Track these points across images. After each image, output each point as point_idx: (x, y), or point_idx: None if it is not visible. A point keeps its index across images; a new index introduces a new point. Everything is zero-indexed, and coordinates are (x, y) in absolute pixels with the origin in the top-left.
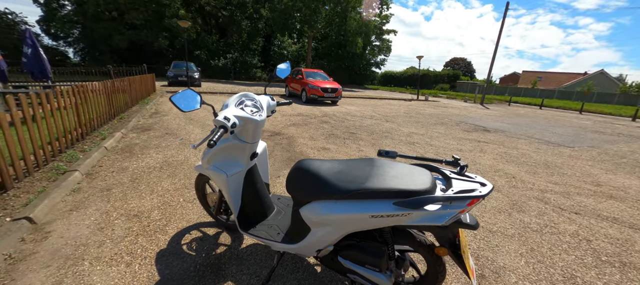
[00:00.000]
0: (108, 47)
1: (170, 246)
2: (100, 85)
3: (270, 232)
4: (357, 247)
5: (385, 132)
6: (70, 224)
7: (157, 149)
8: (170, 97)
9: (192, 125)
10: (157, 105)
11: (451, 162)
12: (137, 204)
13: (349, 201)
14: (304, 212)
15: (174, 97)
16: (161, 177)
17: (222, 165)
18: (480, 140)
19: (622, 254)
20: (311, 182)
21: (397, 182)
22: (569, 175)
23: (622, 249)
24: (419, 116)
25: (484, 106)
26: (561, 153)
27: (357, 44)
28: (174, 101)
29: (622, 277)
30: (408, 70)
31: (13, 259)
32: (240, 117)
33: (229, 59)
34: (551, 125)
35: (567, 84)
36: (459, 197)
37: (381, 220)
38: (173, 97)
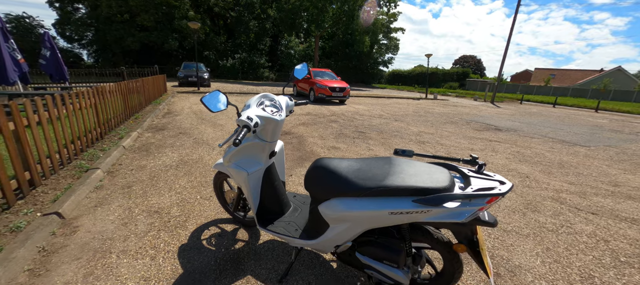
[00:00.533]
0: (120, 48)
1: (190, 241)
2: (116, 86)
3: (288, 228)
4: (376, 244)
5: (394, 131)
6: (96, 219)
7: (172, 148)
8: (201, 99)
9: (204, 125)
10: (169, 105)
11: (469, 161)
12: (157, 200)
13: (368, 198)
14: (322, 209)
15: (205, 98)
16: (178, 175)
17: (243, 163)
18: (491, 140)
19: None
20: (330, 179)
21: (416, 180)
22: (585, 175)
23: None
24: (428, 115)
25: (494, 105)
26: (576, 152)
27: (364, 43)
28: (204, 102)
29: None
30: (416, 69)
31: (46, 251)
32: (262, 117)
33: (237, 59)
34: (565, 124)
35: (582, 81)
36: (479, 194)
37: (400, 217)
38: (203, 99)
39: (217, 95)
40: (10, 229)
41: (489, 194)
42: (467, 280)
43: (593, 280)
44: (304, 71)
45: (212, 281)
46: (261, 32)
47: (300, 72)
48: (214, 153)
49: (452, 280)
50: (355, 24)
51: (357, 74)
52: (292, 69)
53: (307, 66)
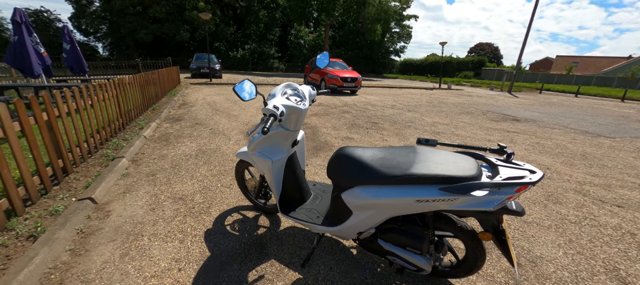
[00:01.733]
0: (134, 41)
1: (215, 226)
2: (134, 78)
3: (310, 215)
4: (399, 231)
5: (408, 121)
6: (126, 204)
7: (191, 138)
8: (233, 87)
9: (219, 116)
10: (183, 96)
11: (496, 150)
12: (180, 188)
13: (394, 186)
14: (346, 197)
15: (236, 87)
16: (198, 164)
17: (267, 151)
18: (509, 130)
19: None
20: (354, 168)
21: (443, 168)
22: (610, 167)
23: None
24: (442, 105)
25: (512, 94)
26: (600, 144)
27: (376, 32)
28: (236, 91)
29: None
30: (429, 58)
31: (84, 233)
32: (287, 106)
33: (247, 49)
34: (588, 115)
35: (607, 69)
36: (508, 183)
37: (426, 205)
38: (236, 87)
39: (247, 85)
40: (50, 213)
41: (518, 182)
42: (487, 269)
43: (618, 273)
44: (325, 60)
45: (238, 264)
46: (271, 22)
47: (321, 61)
48: (231, 143)
49: (475, 268)
50: (366, 12)
51: (368, 64)
52: (314, 58)
53: (329, 56)
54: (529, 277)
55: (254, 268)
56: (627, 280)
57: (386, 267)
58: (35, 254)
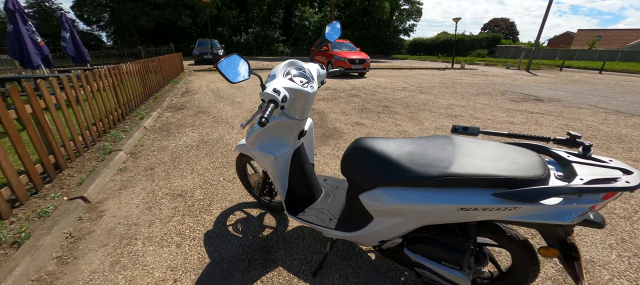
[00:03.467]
0: (136, 28)
1: (216, 227)
2: (133, 65)
3: (321, 217)
4: (432, 241)
5: (421, 104)
6: (121, 203)
7: (192, 128)
8: (216, 64)
9: (222, 103)
10: (186, 84)
11: (565, 141)
12: (180, 183)
13: (430, 189)
14: (365, 200)
15: (221, 64)
16: (199, 155)
17: (268, 145)
18: (533, 112)
19: None
20: (375, 164)
21: (496, 167)
22: None
23: None
24: (457, 86)
25: (530, 73)
26: (636, 124)
27: (384, 10)
28: (221, 70)
29: None
30: (440, 36)
31: (73, 237)
32: (291, 89)
33: (251, 33)
34: (617, 92)
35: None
36: (593, 188)
37: (473, 213)
38: (220, 65)
39: (236, 61)
40: (38, 214)
41: (608, 187)
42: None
43: None
44: (335, 33)
45: (241, 272)
46: (274, 3)
47: (331, 34)
48: (234, 132)
49: (523, 283)
50: None
51: (376, 44)
52: (323, 31)
53: (340, 27)
54: None
55: (259, 278)
56: None
57: (411, 276)
58: (16, 264)
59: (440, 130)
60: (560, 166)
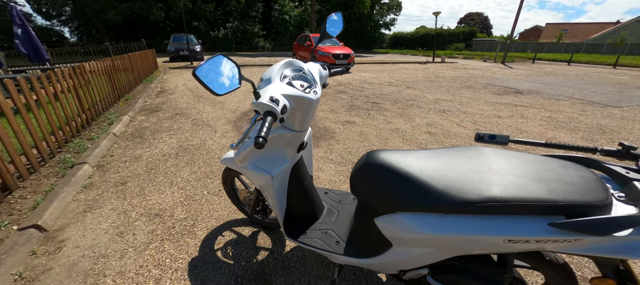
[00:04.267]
0: (103, 23)
1: (202, 253)
2: (100, 64)
3: (326, 240)
4: (464, 271)
5: (409, 100)
6: (85, 229)
7: (170, 133)
8: (194, 72)
9: (202, 104)
10: (162, 83)
11: (617, 152)
12: (157, 199)
13: (468, 217)
14: (383, 225)
15: (200, 70)
16: (178, 165)
17: (263, 162)
18: (516, 104)
19: None
20: (396, 184)
21: (549, 189)
22: (632, 141)
23: None
24: (441, 80)
25: (506, 65)
26: (611, 115)
27: (364, 3)
28: (201, 78)
29: None
30: (419, 30)
31: (24, 279)
32: (291, 97)
33: (229, 28)
34: (587, 83)
35: (596, 35)
36: None
37: (522, 245)
38: (199, 72)
39: (220, 65)
40: None
41: None
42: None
43: None
44: (337, 25)
45: None
46: None
47: (332, 28)
48: (217, 136)
49: None
50: None
51: (358, 39)
52: (324, 21)
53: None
54: None
55: None
56: None
57: None
58: None
59: (432, 127)
60: (619, 185)
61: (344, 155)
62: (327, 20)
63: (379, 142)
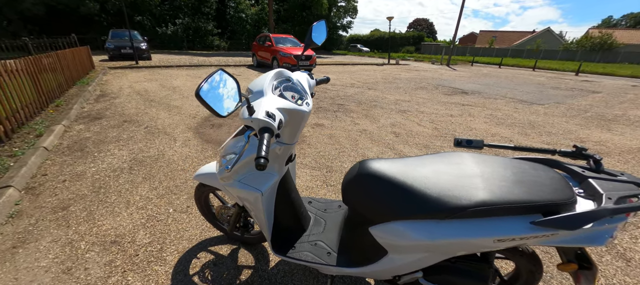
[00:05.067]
0: (17, 13)
1: (176, 282)
2: (20, 63)
3: (317, 252)
4: (454, 270)
5: (372, 101)
6: (17, 269)
7: (118, 143)
8: (197, 93)
9: (155, 108)
10: (101, 85)
11: (571, 153)
12: (111, 224)
13: (462, 221)
14: (379, 234)
15: (203, 91)
16: (134, 181)
17: (250, 179)
18: (464, 104)
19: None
20: (390, 193)
21: (528, 191)
22: (555, 134)
23: None
24: (398, 81)
25: (451, 68)
26: (537, 111)
27: (322, 5)
28: (205, 99)
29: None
30: (374, 33)
31: None
32: (284, 110)
33: (179, 25)
34: (516, 84)
35: (518, 42)
36: (628, 207)
37: (509, 243)
38: (202, 92)
39: (219, 80)
40: None
41: (637, 206)
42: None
43: None
44: (322, 32)
45: None
46: None
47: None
48: (177, 145)
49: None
50: None
51: None
52: (309, 29)
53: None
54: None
55: None
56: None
57: None
58: None
59: (396, 127)
60: (577, 182)
61: (317, 159)
62: (313, 29)
63: (349, 144)
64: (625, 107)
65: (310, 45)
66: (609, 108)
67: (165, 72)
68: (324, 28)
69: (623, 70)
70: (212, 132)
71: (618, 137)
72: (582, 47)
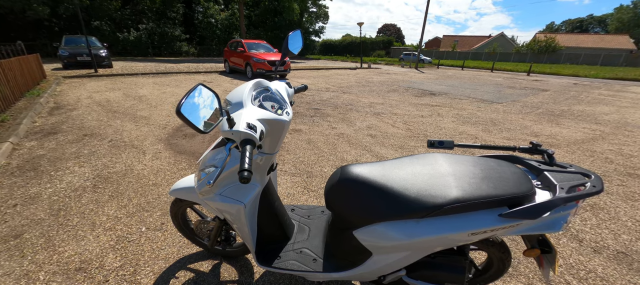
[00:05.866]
0: None
1: None
2: None
3: (303, 260)
4: (433, 265)
5: (347, 104)
6: None
7: (79, 160)
8: (178, 110)
9: (119, 120)
10: (55, 96)
11: (529, 149)
12: (75, 249)
13: (440, 218)
14: (363, 237)
15: (184, 108)
16: (100, 200)
17: (232, 191)
18: (433, 104)
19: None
20: (373, 196)
21: (495, 186)
22: (513, 130)
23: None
24: (371, 85)
25: (418, 71)
26: (497, 109)
27: (293, 10)
28: (186, 116)
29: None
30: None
31: None
32: (265, 120)
33: (143, 30)
34: (477, 85)
35: (477, 46)
36: (577, 196)
37: (481, 235)
38: (183, 109)
39: (199, 95)
40: None
41: (586, 193)
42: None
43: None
44: (298, 42)
45: None
46: None
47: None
48: (147, 159)
49: (499, 276)
50: None
51: None
52: (286, 38)
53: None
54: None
55: None
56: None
57: None
58: None
59: (372, 129)
60: (535, 175)
61: (297, 165)
62: (289, 38)
63: (328, 148)
64: (570, 103)
65: (288, 55)
66: (556, 104)
67: (130, 81)
68: (300, 37)
69: (566, 70)
70: (185, 142)
71: (565, 130)
72: (531, 49)
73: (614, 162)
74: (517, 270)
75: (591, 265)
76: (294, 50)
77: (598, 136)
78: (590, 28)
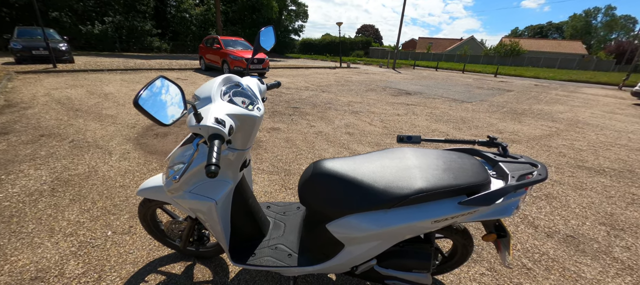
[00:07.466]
0: None
1: None
2: None
3: (278, 255)
4: (401, 254)
5: (326, 103)
6: None
7: (34, 162)
8: (136, 101)
9: (82, 119)
10: (6, 93)
11: (486, 142)
12: (30, 257)
13: (405, 208)
14: (335, 229)
15: (142, 100)
16: (59, 204)
17: (202, 188)
18: (408, 104)
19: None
20: (344, 190)
21: (455, 176)
22: (481, 128)
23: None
24: (350, 84)
25: (396, 71)
26: (467, 108)
27: (272, 8)
28: (145, 108)
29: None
30: (325, 38)
31: None
32: (235, 115)
33: (109, 23)
34: (450, 85)
35: (450, 48)
36: (525, 183)
37: (443, 222)
38: (141, 101)
39: (160, 87)
40: None
41: (532, 181)
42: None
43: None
44: (271, 37)
45: None
46: None
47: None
48: (114, 160)
49: (465, 260)
50: None
51: None
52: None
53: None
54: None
55: None
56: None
57: None
58: None
59: (350, 128)
60: (491, 166)
61: (275, 163)
62: (261, 34)
63: (306, 146)
64: (531, 103)
65: (259, 51)
66: (519, 103)
67: (94, 77)
68: (272, 33)
69: (528, 72)
70: (157, 142)
71: (526, 127)
72: (498, 53)
73: (566, 155)
74: (481, 255)
75: (544, 248)
76: (266, 47)
77: (554, 133)
78: (549, 34)
